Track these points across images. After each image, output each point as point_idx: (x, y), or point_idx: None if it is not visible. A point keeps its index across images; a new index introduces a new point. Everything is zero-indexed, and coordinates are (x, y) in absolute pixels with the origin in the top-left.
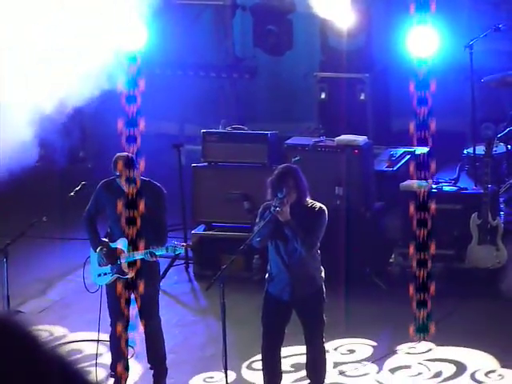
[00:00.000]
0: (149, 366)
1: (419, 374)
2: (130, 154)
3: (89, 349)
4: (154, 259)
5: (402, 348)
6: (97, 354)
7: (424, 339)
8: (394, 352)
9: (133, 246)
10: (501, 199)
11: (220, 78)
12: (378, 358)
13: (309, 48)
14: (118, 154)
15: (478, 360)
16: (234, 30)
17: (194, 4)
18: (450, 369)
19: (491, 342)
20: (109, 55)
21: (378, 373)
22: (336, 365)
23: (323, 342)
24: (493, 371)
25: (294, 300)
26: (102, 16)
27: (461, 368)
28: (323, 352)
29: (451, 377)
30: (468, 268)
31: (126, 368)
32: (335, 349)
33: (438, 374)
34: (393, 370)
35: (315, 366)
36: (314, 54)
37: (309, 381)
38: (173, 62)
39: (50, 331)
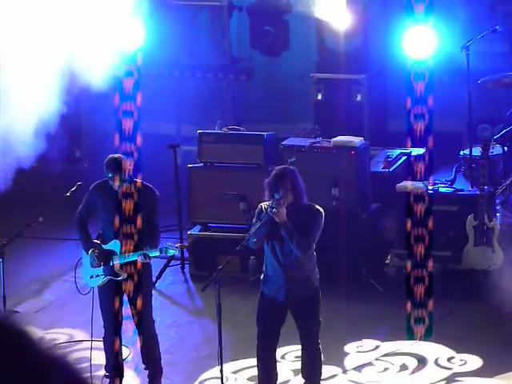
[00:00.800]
0: (144, 366)
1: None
2: (121, 156)
3: (84, 349)
4: (148, 261)
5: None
6: (91, 355)
7: (420, 340)
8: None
9: (125, 247)
10: (497, 201)
11: (216, 78)
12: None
13: (305, 49)
14: (110, 156)
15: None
16: (231, 30)
17: (191, 5)
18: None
19: (486, 344)
20: (105, 55)
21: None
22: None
23: (318, 343)
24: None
25: (289, 301)
26: (99, 16)
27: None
28: (319, 353)
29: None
30: (464, 269)
31: (121, 369)
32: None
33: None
34: (359, 368)
35: (311, 367)
36: (311, 54)
37: (304, 381)
38: (169, 63)
39: (46, 331)
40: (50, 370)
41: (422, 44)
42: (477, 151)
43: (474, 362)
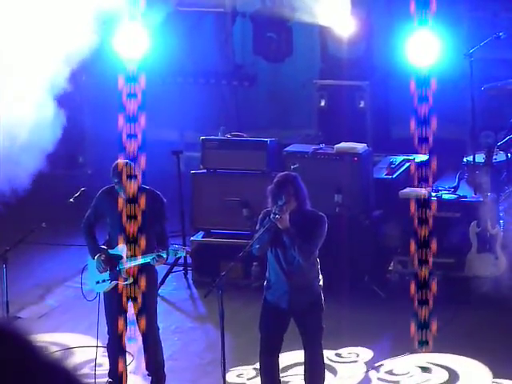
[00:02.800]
0: (147, 372)
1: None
2: (128, 161)
3: (87, 355)
4: (159, 264)
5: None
6: (96, 360)
7: (423, 347)
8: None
9: (132, 252)
10: (500, 207)
11: (220, 84)
12: (376, 366)
13: (308, 55)
14: (117, 161)
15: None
16: (234, 37)
17: (195, 11)
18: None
19: (488, 351)
20: (110, 61)
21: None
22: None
23: (321, 350)
24: None
25: (292, 308)
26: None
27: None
28: (322, 359)
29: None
30: (467, 276)
31: (125, 375)
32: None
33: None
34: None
35: (313, 374)
36: (314, 61)
37: None
38: (173, 69)
39: (48, 337)
40: (50, 376)
41: (425, 50)
42: (480, 158)
43: (478, 368)
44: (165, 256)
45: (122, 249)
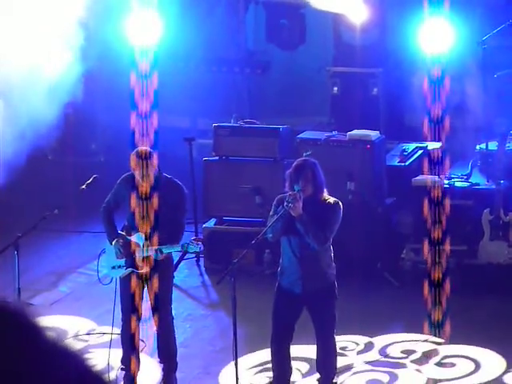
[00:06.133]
0: (159, 360)
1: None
2: (149, 149)
3: (100, 341)
4: (160, 257)
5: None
6: (110, 347)
7: (437, 335)
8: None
9: (149, 240)
10: None
11: (232, 71)
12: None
13: (321, 42)
14: (137, 148)
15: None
16: (247, 24)
17: None
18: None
19: (502, 340)
20: (122, 47)
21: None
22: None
23: (334, 338)
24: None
25: (306, 294)
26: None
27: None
28: (334, 348)
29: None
30: (480, 263)
31: (137, 362)
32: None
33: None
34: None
35: (326, 362)
36: (327, 48)
37: (318, 375)
38: (185, 56)
39: (61, 324)
40: (58, 360)
41: (438, 38)
42: (493, 145)
43: (491, 356)
44: (166, 251)
45: (139, 237)
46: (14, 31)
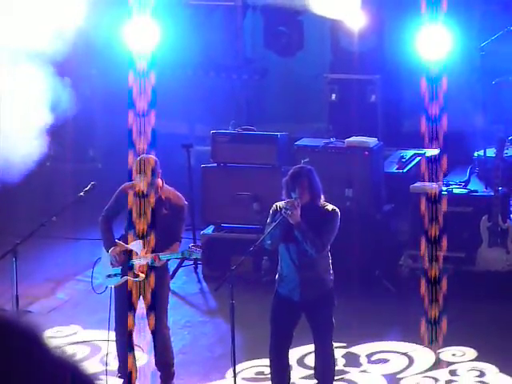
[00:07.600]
0: (156, 368)
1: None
2: (152, 157)
3: (97, 349)
4: (157, 264)
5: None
6: (107, 356)
7: (434, 341)
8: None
9: (146, 249)
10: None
11: (230, 78)
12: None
13: (319, 49)
14: (142, 156)
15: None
16: (245, 30)
17: (205, 4)
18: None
19: (498, 346)
20: (120, 54)
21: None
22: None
23: (332, 345)
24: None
25: (304, 301)
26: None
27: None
28: (332, 354)
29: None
30: (478, 270)
31: (134, 371)
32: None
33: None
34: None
35: (324, 368)
36: (325, 55)
37: (316, 382)
38: (183, 63)
39: (58, 331)
40: (57, 370)
41: (436, 44)
42: (491, 152)
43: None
44: (163, 258)
45: (136, 245)
46: (13, 30)
